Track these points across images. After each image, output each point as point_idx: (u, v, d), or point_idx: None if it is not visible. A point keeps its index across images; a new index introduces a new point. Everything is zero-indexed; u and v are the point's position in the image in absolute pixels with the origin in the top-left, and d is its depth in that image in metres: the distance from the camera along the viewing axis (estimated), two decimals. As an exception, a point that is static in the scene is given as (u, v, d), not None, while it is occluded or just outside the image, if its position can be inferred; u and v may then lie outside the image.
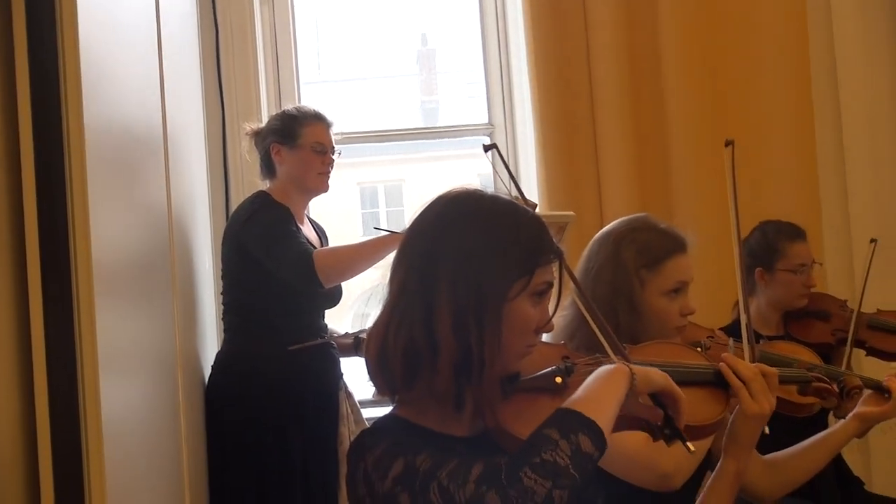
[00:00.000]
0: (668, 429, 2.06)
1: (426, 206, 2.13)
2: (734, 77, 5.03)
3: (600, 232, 3.03)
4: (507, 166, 2.42)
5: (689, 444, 2.06)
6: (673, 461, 2.64)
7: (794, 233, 4.28)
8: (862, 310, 4.27)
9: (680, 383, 2.22)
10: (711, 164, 4.70)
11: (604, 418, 1.91)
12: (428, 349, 1.99)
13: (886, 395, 3.04)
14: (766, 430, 2.53)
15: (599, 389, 1.98)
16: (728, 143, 2.97)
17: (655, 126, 4.93)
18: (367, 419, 4.18)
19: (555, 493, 1.80)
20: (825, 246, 5.02)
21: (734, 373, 2.39)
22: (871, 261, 4.31)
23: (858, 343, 4.30)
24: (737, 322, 4.13)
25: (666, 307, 2.90)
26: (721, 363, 2.41)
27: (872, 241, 4.35)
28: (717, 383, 2.40)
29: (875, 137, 5.13)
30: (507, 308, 2.02)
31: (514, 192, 2.38)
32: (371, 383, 2.11)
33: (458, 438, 2.08)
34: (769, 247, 4.22)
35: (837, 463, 4.22)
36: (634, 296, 2.88)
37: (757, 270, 4.21)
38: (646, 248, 2.91)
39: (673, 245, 2.94)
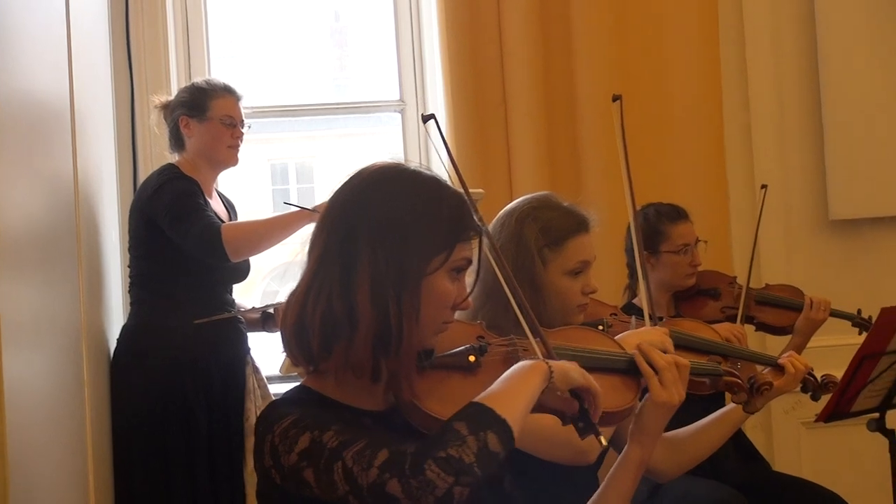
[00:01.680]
0: (582, 421, 2.07)
1: (349, 176, 2.13)
2: (645, 57, 5.07)
3: (503, 210, 3.02)
4: (443, 137, 2.41)
5: (601, 437, 2.06)
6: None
7: (676, 214, 4.33)
8: (750, 285, 4.34)
9: (593, 369, 2.24)
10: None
11: (516, 416, 1.91)
12: (346, 319, 1.99)
13: (781, 372, 3.10)
14: None
15: (515, 385, 1.98)
16: (616, 98, 2.98)
17: (566, 104, 4.95)
18: (274, 395, 4.17)
19: (455, 490, 1.80)
20: (732, 227, 5.12)
21: (648, 361, 2.39)
22: (762, 206, 4.42)
23: (747, 319, 4.38)
24: (630, 303, 4.20)
25: (568, 286, 2.90)
26: (635, 351, 2.41)
27: (763, 186, 4.48)
28: (630, 371, 2.40)
29: (783, 122, 5.24)
30: (425, 282, 2.03)
31: (448, 163, 2.36)
32: (286, 353, 2.10)
33: (368, 412, 2.08)
34: (651, 230, 4.26)
35: (741, 442, 4.30)
36: (536, 275, 2.87)
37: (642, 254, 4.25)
38: (548, 228, 2.91)
39: (575, 224, 2.94)
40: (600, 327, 2.88)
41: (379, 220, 2.03)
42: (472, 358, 2.16)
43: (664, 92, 5.06)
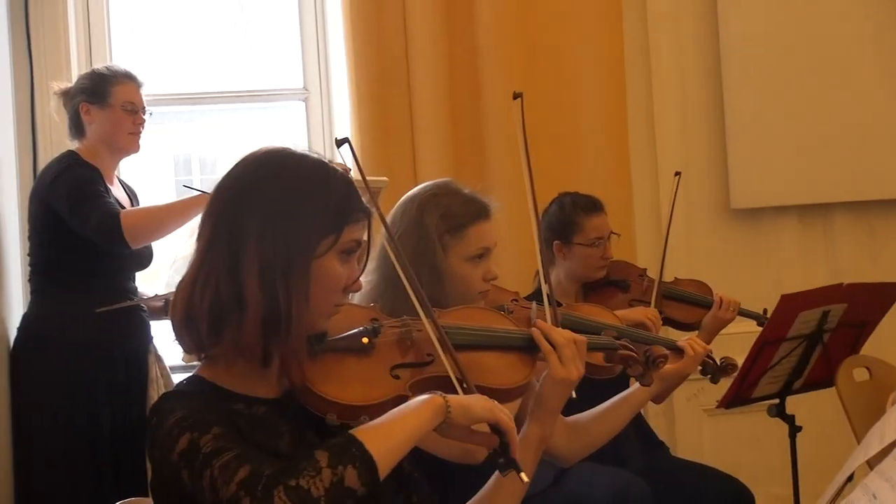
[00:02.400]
0: (502, 457, 2.05)
1: (235, 162, 2.12)
2: (549, 46, 5.10)
3: (404, 197, 3.03)
4: (356, 160, 2.40)
5: (522, 473, 2.05)
6: None
7: (591, 206, 4.33)
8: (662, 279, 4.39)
9: (489, 347, 2.29)
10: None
11: (386, 452, 1.90)
12: (234, 304, 1.99)
13: (681, 354, 3.14)
14: (574, 395, 2.58)
15: (399, 420, 1.97)
16: (516, 96, 2.98)
17: (470, 92, 4.96)
18: (177, 383, 4.15)
19: None
20: (636, 218, 5.17)
21: (546, 338, 2.41)
22: (675, 192, 4.45)
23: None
24: (539, 290, 4.22)
25: (469, 272, 2.93)
26: (533, 328, 2.43)
27: (676, 173, 4.48)
28: (526, 348, 2.42)
29: (685, 113, 5.30)
30: (315, 264, 2.03)
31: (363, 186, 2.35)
32: (177, 341, 2.08)
33: (263, 400, 2.07)
34: (566, 220, 4.27)
35: (642, 428, 4.34)
36: (437, 261, 2.89)
37: (555, 243, 4.26)
38: (449, 214, 2.93)
39: (476, 211, 2.97)
40: (502, 313, 2.90)
41: (265, 204, 2.02)
42: (365, 340, 2.16)
43: (568, 83, 5.10)
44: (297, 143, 2.18)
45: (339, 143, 2.33)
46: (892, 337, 4.76)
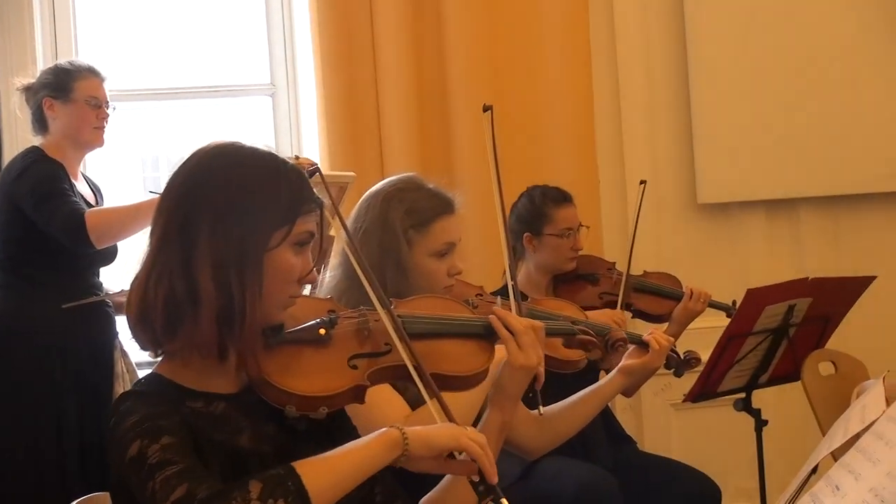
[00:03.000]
0: (482, 485, 2.03)
1: (187, 157, 2.12)
2: (517, 44, 5.12)
3: (369, 191, 3.03)
4: (327, 188, 2.39)
5: (502, 499, 2.02)
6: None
7: (561, 197, 4.37)
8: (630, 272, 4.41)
9: (447, 335, 2.30)
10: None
11: (327, 489, 1.89)
12: (189, 300, 1.99)
13: (646, 349, 3.16)
14: (540, 412, 2.62)
15: (346, 456, 1.97)
16: (486, 109, 2.99)
17: (438, 87, 4.98)
18: (136, 382, 4.14)
19: None
20: (603, 215, 5.19)
21: (504, 325, 2.42)
22: (640, 201, 4.46)
23: (627, 306, 4.44)
24: (507, 287, 4.24)
25: (434, 267, 2.93)
26: (491, 315, 2.44)
27: (642, 182, 4.50)
28: (485, 335, 2.43)
29: (652, 109, 5.34)
30: (268, 257, 2.03)
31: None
32: (133, 338, 2.08)
33: (222, 396, 2.08)
34: (536, 212, 4.29)
35: (610, 422, 4.35)
36: (402, 256, 2.90)
37: (525, 235, 4.29)
38: (414, 209, 2.93)
39: (441, 206, 2.97)
40: (459, 301, 2.92)
41: (217, 198, 2.03)
42: (322, 331, 2.16)
43: (537, 82, 5.12)
44: (279, 142, 2.19)
45: (311, 173, 2.30)
46: (857, 331, 4.79)
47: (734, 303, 4.50)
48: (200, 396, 2.05)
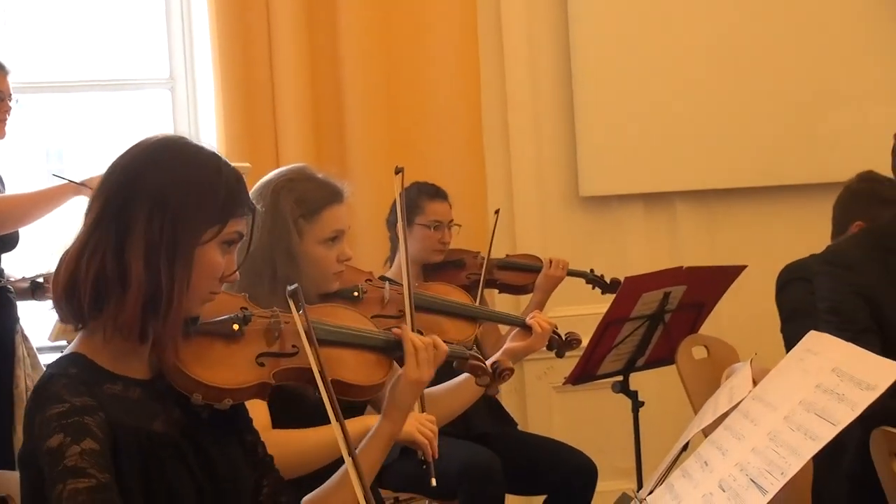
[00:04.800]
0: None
1: (132, 145, 2.17)
2: (406, 40, 5.25)
3: (259, 182, 3.06)
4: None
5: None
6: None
7: (435, 192, 4.56)
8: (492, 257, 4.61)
9: (352, 345, 2.41)
10: (382, 115, 5.04)
11: None
12: (118, 281, 2.05)
13: (529, 332, 3.29)
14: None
15: None
16: (398, 171, 3.17)
17: (332, 80, 5.08)
18: (44, 364, 4.18)
19: None
20: (489, 204, 5.33)
21: (409, 341, 2.48)
22: (495, 227, 4.68)
23: (492, 283, 4.67)
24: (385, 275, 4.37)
25: (324, 255, 2.98)
26: (401, 329, 2.50)
27: (496, 211, 4.74)
28: (386, 350, 2.50)
29: (537, 105, 5.52)
30: (198, 252, 2.10)
31: None
32: (56, 310, 2.12)
33: (139, 382, 2.14)
34: (410, 203, 4.40)
35: (492, 403, 4.50)
36: (293, 245, 2.95)
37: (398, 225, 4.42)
38: (303, 199, 2.98)
39: (330, 195, 3.02)
40: (355, 293, 3.03)
41: (157, 189, 2.08)
42: (235, 326, 2.24)
43: (427, 76, 5.26)
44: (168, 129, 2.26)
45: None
46: (728, 317, 5.03)
47: (591, 270, 4.73)
48: (120, 380, 2.10)
